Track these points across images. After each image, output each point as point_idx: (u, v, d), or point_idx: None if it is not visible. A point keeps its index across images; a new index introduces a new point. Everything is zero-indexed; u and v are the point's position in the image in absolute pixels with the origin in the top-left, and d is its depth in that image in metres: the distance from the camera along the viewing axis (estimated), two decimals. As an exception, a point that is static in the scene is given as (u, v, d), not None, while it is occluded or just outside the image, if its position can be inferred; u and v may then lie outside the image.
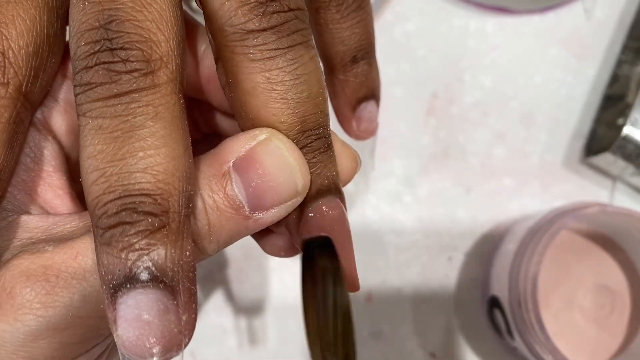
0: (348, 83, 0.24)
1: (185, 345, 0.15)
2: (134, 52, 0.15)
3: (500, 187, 0.42)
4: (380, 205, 0.42)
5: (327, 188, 0.18)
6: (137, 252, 0.14)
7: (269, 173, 0.17)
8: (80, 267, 0.16)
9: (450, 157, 0.42)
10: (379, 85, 0.26)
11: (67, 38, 0.18)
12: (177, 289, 0.15)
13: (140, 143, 0.15)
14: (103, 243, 0.15)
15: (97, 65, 0.15)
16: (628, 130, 0.39)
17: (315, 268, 0.17)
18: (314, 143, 0.18)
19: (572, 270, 0.39)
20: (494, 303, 0.39)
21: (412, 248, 0.41)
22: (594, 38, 0.44)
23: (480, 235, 0.42)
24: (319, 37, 0.24)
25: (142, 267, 0.14)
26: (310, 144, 0.18)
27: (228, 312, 0.41)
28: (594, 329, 0.38)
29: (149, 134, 0.15)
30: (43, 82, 0.18)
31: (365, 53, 0.24)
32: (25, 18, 0.17)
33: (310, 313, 0.16)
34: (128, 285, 0.14)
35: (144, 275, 0.14)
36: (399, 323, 0.41)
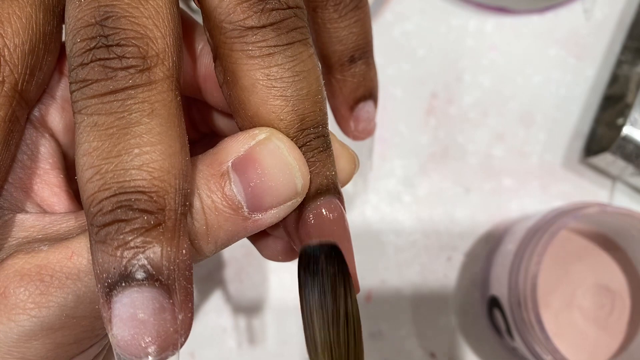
0: (346, 83, 0.24)
1: (182, 345, 0.15)
2: (130, 48, 0.15)
3: (500, 187, 0.42)
4: (380, 205, 0.42)
5: (326, 188, 0.18)
6: (132, 250, 0.14)
7: (269, 173, 0.16)
8: (75, 267, 0.16)
9: (450, 157, 0.42)
10: (377, 85, 0.26)
11: (63, 36, 0.18)
12: (173, 288, 0.14)
13: (136, 140, 0.15)
14: (98, 241, 0.14)
15: (92, 62, 0.15)
16: (627, 131, 0.39)
17: (323, 275, 0.16)
18: (313, 142, 0.17)
19: (571, 270, 0.39)
20: (494, 303, 0.39)
21: (411, 248, 0.41)
22: (594, 38, 0.44)
23: (480, 236, 0.42)
24: (317, 36, 0.24)
25: (137, 265, 0.14)
26: (309, 143, 0.17)
27: (227, 312, 0.41)
28: (594, 329, 0.38)
29: (145, 131, 0.15)
30: (39, 80, 0.18)
31: (363, 53, 0.24)
32: (21, 16, 0.17)
33: (318, 325, 0.16)
34: (123, 284, 0.14)
35: (140, 274, 0.14)
36: (399, 323, 0.41)
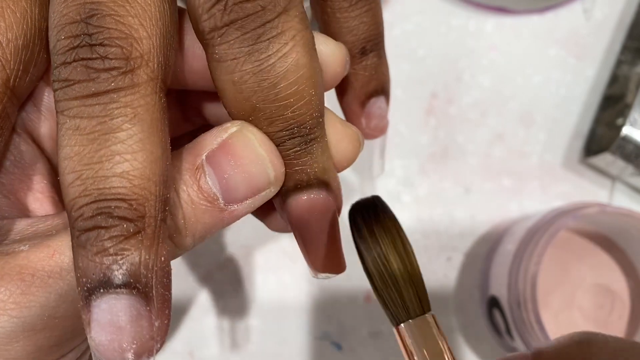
0: (357, 76, 0.23)
1: (157, 351, 0.15)
2: (113, 49, 0.15)
3: (500, 187, 0.42)
4: (380, 205, 0.42)
5: (306, 183, 0.18)
6: (111, 256, 0.14)
7: (241, 164, 0.17)
8: (57, 265, 0.16)
9: (450, 157, 0.42)
10: (389, 80, 0.24)
11: None
12: (150, 295, 0.14)
13: (117, 147, 0.15)
14: (79, 245, 0.14)
15: (75, 62, 0.15)
16: (627, 131, 0.39)
17: (385, 219, 0.18)
18: (287, 143, 0.17)
19: (571, 271, 0.39)
20: (494, 303, 0.39)
21: (411, 248, 0.41)
22: (593, 38, 0.44)
23: (480, 236, 0.42)
24: (326, 27, 0.22)
25: (115, 272, 0.14)
26: (283, 144, 0.17)
27: (227, 312, 0.41)
28: (594, 329, 0.38)
29: (127, 137, 0.15)
30: (33, 76, 0.18)
31: (375, 44, 0.23)
32: (15, 10, 0.17)
33: (395, 261, 0.18)
34: (102, 290, 0.14)
35: (118, 281, 0.14)
36: (398, 323, 0.41)
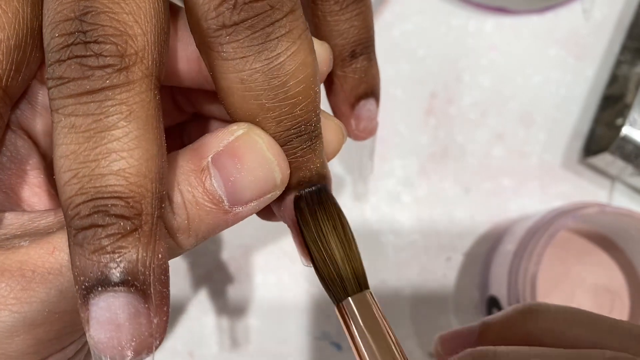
0: (347, 79, 0.23)
1: (156, 348, 0.15)
2: (108, 46, 0.15)
3: (499, 187, 0.42)
4: (380, 205, 0.42)
5: (308, 179, 0.18)
6: (108, 255, 0.14)
7: (248, 168, 0.17)
8: (57, 262, 0.16)
9: (449, 157, 0.42)
10: (379, 83, 0.25)
11: None
12: (148, 293, 0.14)
13: (113, 144, 0.15)
14: (76, 244, 0.15)
15: (70, 59, 0.15)
16: (627, 131, 0.39)
17: (328, 205, 0.18)
18: (294, 141, 0.17)
19: (571, 271, 0.39)
20: (493, 303, 0.39)
21: (410, 248, 0.41)
22: (593, 38, 0.44)
23: (479, 236, 0.42)
24: (316, 30, 0.23)
25: (113, 270, 0.14)
26: (290, 143, 0.17)
27: (226, 312, 0.41)
28: (593, 329, 0.38)
29: (122, 135, 0.15)
30: (25, 76, 0.18)
31: (365, 48, 0.23)
32: (7, 10, 0.17)
33: (334, 244, 0.18)
34: (100, 288, 0.14)
35: (116, 279, 0.14)
36: (398, 323, 0.41)
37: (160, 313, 0.15)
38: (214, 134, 0.17)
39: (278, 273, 0.41)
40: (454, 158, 0.42)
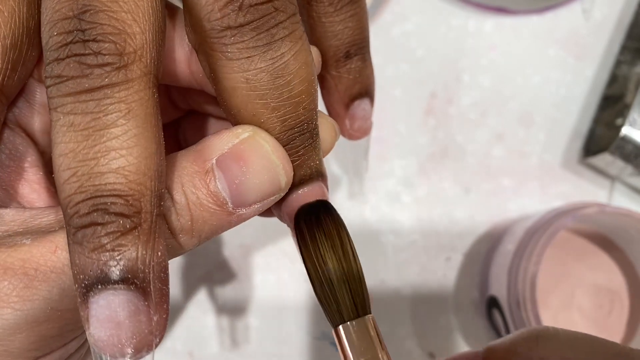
0: (341, 79, 0.24)
1: (156, 345, 0.15)
2: (107, 44, 0.15)
3: (499, 187, 0.42)
4: (379, 205, 0.42)
5: (309, 177, 0.18)
6: (108, 253, 0.14)
7: (253, 171, 0.17)
8: (59, 260, 0.16)
9: (449, 157, 0.42)
10: (374, 83, 0.25)
11: None
12: (148, 290, 0.15)
13: (112, 142, 0.15)
14: (75, 242, 0.15)
15: (68, 58, 0.15)
16: (626, 131, 0.39)
17: (327, 221, 0.18)
18: (297, 140, 0.18)
19: (570, 271, 0.39)
20: (493, 303, 0.39)
21: (410, 248, 0.41)
22: (593, 38, 0.44)
23: (479, 236, 0.42)
24: (311, 31, 0.23)
25: (113, 268, 0.14)
26: (293, 142, 0.18)
27: (226, 311, 0.41)
28: (593, 329, 0.38)
29: (121, 133, 0.15)
30: (22, 75, 0.18)
31: (359, 48, 0.23)
32: (3, 9, 0.17)
33: (331, 263, 0.18)
34: (99, 286, 0.14)
35: (115, 277, 0.14)
36: (398, 323, 0.41)
37: (160, 310, 0.15)
38: (218, 136, 0.17)
39: (278, 273, 0.41)
40: (454, 158, 0.42)
